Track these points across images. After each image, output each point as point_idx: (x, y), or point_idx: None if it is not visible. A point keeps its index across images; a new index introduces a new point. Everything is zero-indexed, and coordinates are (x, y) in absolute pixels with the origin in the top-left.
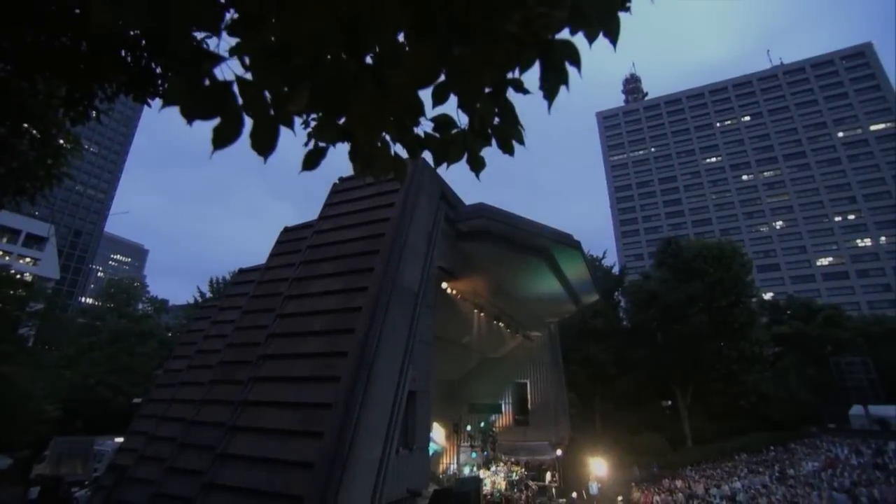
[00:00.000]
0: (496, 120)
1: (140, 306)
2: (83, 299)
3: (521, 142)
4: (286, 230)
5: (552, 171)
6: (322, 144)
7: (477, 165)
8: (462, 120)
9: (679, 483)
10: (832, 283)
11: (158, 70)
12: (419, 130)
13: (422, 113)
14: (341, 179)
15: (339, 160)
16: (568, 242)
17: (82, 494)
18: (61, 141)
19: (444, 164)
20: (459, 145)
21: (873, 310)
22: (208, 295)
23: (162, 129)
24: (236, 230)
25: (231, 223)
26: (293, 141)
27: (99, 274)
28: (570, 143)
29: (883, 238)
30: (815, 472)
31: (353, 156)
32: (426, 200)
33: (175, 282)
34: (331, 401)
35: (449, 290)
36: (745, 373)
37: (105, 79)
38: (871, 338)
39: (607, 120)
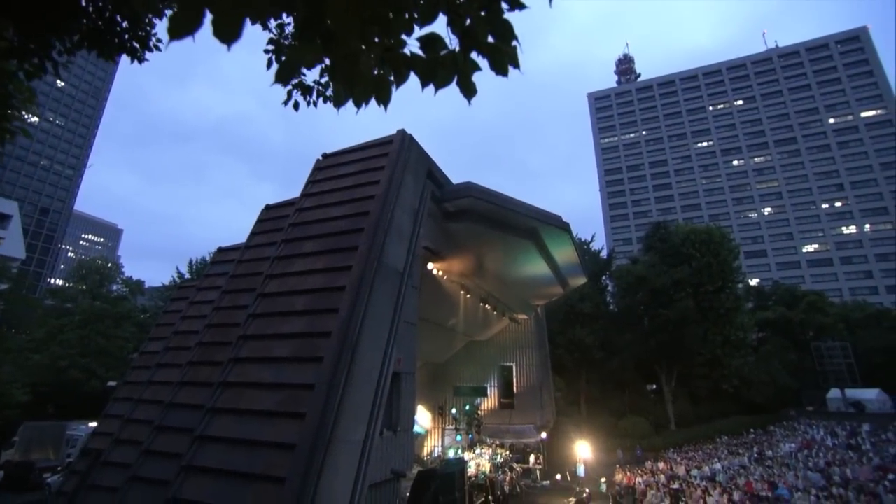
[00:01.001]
0: (490, 39)
1: (115, 288)
2: (52, 280)
3: (517, 63)
4: (268, 208)
5: (540, 155)
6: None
7: (468, 89)
8: (452, 42)
9: (661, 465)
10: (816, 269)
11: (125, 24)
12: (405, 51)
13: (410, 6)
14: (325, 156)
15: (322, 139)
16: (556, 224)
17: (55, 480)
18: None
19: (432, 88)
20: (449, 67)
21: (854, 296)
22: (187, 276)
23: (136, 105)
24: (217, 211)
25: (211, 204)
26: (271, 120)
27: (69, 254)
28: (559, 127)
29: (867, 226)
30: (791, 453)
31: (333, 74)
32: (412, 178)
33: (152, 263)
34: (313, 382)
35: (435, 271)
36: (729, 357)
37: (62, 30)
38: (851, 323)
39: (599, 101)
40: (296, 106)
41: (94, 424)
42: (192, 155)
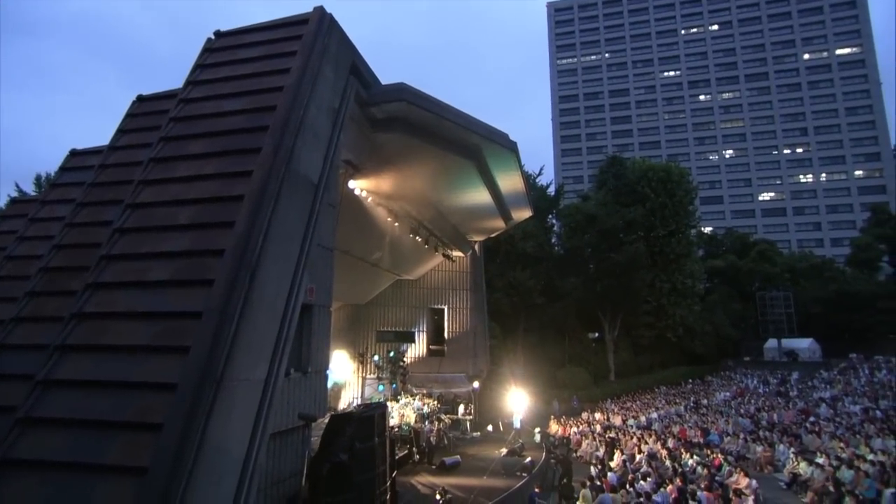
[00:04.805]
0: None
1: None
2: None
3: None
4: (140, 100)
5: (479, 83)
6: None
7: None
8: None
9: (598, 416)
10: (769, 219)
11: None
12: None
13: None
14: (218, 35)
15: (214, 18)
16: (502, 142)
17: None
18: None
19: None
20: None
21: (802, 248)
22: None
23: None
24: (77, 124)
25: (70, 115)
26: (156, 25)
27: None
28: (501, 54)
29: (823, 175)
30: (725, 401)
31: None
32: (332, 70)
33: None
34: (201, 309)
35: (357, 191)
36: (674, 306)
37: None
38: (796, 273)
39: (559, 13)
40: None
41: None
42: (41, 54)
